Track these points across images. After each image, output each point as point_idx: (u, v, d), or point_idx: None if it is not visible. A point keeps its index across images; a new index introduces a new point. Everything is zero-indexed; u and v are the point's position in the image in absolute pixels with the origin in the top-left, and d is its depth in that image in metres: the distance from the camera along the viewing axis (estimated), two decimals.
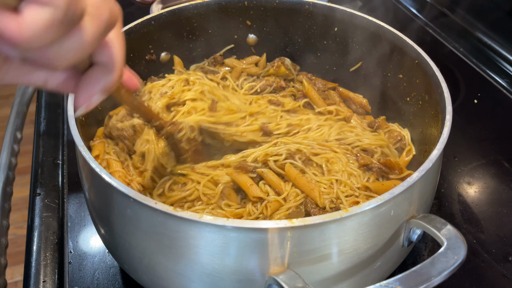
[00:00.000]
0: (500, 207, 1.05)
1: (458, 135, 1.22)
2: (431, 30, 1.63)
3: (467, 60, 1.48)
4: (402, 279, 0.57)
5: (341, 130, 1.02)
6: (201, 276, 0.65)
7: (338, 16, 1.08)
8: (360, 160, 0.93)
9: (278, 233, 0.59)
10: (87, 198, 0.82)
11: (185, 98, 0.99)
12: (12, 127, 1.31)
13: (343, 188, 0.88)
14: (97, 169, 0.66)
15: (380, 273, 0.74)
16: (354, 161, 0.93)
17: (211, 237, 0.61)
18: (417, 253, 0.95)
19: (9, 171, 1.09)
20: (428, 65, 0.88)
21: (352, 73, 1.15)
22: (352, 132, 1.01)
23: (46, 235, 0.97)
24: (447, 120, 0.76)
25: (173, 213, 0.60)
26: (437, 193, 1.06)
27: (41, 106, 1.30)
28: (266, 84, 1.16)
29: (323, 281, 0.66)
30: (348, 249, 0.64)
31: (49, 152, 1.17)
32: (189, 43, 1.17)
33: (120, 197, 0.65)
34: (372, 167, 0.92)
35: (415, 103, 0.98)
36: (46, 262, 0.92)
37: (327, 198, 0.86)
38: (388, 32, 0.99)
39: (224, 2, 1.13)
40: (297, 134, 1.01)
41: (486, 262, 0.94)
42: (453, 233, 0.62)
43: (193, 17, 1.12)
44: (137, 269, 0.74)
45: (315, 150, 0.94)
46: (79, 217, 1.02)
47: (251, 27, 1.19)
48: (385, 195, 0.62)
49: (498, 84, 1.38)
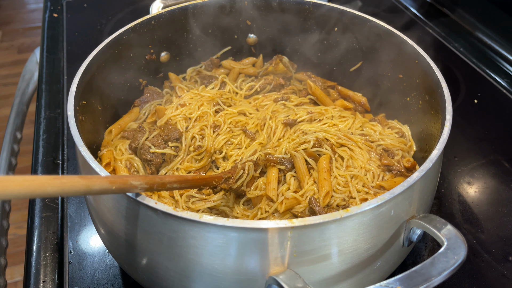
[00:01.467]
0: (500, 207, 1.05)
1: (458, 135, 1.22)
2: (431, 30, 1.63)
3: (467, 60, 1.48)
4: (402, 279, 0.57)
5: (364, 125, 1.03)
6: (201, 276, 0.65)
7: (338, 16, 1.08)
8: (383, 160, 0.93)
9: (278, 233, 0.59)
10: (87, 198, 0.82)
11: (220, 144, 0.98)
12: (12, 127, 1.31)
13: (359, 186, 0.89)
14: (97, 169, 0.66)
15: (380, 273, 0.74)
16: (376, 159, 0.94)
17: (211, 237, 0.60)
18: (417, 253, 0.95)
19: (9, 171, 1.09)
20: (428, 65, 0.88)
21: (352, 73, 1.15)
22: (375, 130, 1.02)
23: (46, 235, 0.97)
24: (447, 120, 0.76)
25: (173, 213, 0.60)
26: (437, 193, 1.06)
27: (41, 106, 1.30)
28: (265, 82, 1.16)
29: (323, 281, 0.66)
30: (348, 249, 0.64)
31: (49, 152, 1.17)
32: (189, 43, 1.17)
33: (120, 197, 0.65)
34: (393, 169, 0.93)
35: (415, 103, 0.98)
36: (46, 262, 0.92)
37: (339, 197, 0.87)
38: (388, 32, 0.99)
39: (224, 2, 1.13)
40: (321, 121, 1.03)
41: (486, 262, 0.94)
42: (453, 233, 0.62)
43: (193, 17, 1.12)
44: (137, 269, 0.74)
45: (341, 140, 0.95)
46: (79, 217, 1.02)
47: (251, 27, 1.19)
48: (385, 195, 0.62)
49: (498, 84, 1.38)
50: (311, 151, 0.93)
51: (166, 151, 0.96)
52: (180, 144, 0.98)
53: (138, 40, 1.04)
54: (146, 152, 0.96)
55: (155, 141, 0.97)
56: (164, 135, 0.98)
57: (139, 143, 0.98)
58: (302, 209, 0.87)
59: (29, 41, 3.96)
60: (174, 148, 0.98)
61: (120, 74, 1.04)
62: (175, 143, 0.98)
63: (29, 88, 1.38)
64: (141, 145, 0.98)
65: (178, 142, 0.98)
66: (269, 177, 0.90)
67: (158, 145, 0.97)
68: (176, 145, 0.98)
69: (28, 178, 0.44)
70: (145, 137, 0.99)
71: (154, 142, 0.97)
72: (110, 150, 0.97)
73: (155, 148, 0.96)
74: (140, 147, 0.98)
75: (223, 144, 0.98)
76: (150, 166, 0.96)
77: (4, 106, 3.25)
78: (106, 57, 0.95)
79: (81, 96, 0.85)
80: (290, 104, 1.09)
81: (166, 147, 0.97)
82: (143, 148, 0.97)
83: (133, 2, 1.79)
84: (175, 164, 0.97)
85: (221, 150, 0.98)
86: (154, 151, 0.96)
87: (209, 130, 0.99)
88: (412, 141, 1.01)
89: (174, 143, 0.98)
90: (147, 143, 0.97)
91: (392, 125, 1.06)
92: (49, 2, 1.77)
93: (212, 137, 0.98)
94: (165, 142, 0.98)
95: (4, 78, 3.55)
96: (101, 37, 1.58)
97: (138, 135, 1.00)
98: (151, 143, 0.97)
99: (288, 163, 0.93)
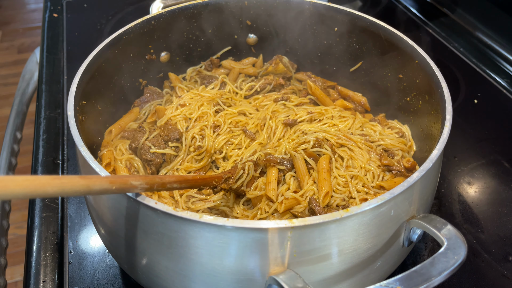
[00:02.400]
0: (500, 207, 1.05)
1: (458, 135, 1.22)
2: (431, 30, 1.63)
3: (467, 60, 1.48)
4: (402, 279, 0.57)
5: (364, 125, 1.03)
6: (201, 276, 0.65)
7: (338, 16, 1.08)
8: (383, 161, 0.93)
9: (278, 233, 0.59)
10: (87, 198, 0.82)
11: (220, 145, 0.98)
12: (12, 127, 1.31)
13: (359, 187, 0.89)
14: (97, 169, 0.66)
15: (380, 273, 0.74)
16: (376, 159, 0.94)
17: (211, 237, 0.60)
18: (417, 253, 0.95)
19: (9, 171, 1.09)
20: (428, 65, 0.88)
21: (352, 73, 1.15)
22: (375, 130, 1.02)
23: (46, 235, 0.97)
24: (447, 120, 0.76)
25: (173, 213, 0.60)
26: (437, 193, 1.06)
27: (41, 106, 1.30)
28: (265, 82, 1.16)
29: (323, 281, 0.66)
30: (348, 249, 0.64)
31: (49, 152, 1.17)
32: (189, 43, 1.17)
33: (120, 197, 0.65)
34: (393, 169, 0.93)
35: (415, 103, 0.98)
36: (46, 262, 0.92)
37: (339, 197, 0.87)
38: (388, 32, 0.99)
39: (224, 2, 1.13)
40: (321, 121, 1.03)
41: (486, 262, 0.94)
42: (453, 233, 0.62)
43: (193, 17, 1.12)
44: (137, 269, 0.74)
45: (341, 140, 0.95)
46: (79, 217, 1.02)
47: (251, 27, 1.19)
48: (385, 195, 0.62)
49: (498, 84, 1.38)
50: (311, 151, 0.93)
51: (166, 151, 0.96)
52: (180, 144, 0.99)
53: (138, 40, 1.04)
54: (146, 152, 0.96)
55: (155, 141, 0.97)
56: (164, 135, 0.98)
57: (139, 143, 0.98)
58: (302, 209, 0.87)
59: (29, 41, 3.96)
60: (174, 148, 0.98)
61: (120, 74, 1.04)
62: (175, 143, 0.98)
63: (29, 88, 1.38)
64: (141, 145, 0.98)
65: (178, 142, 0.99)
66: (269, 177, 0.90)
67: (158, 145, 0.97)
68: (176, 145, 0.98)
69: (29, 178, 0.44)
70: (145, 137, 0.99)
71: (154, 142, 0.97)
72: (110, 150, 0.97)
73: (155, 148, 0.96)
74: (140, 147, 0.98)
75: (223, 144, 0.98)
76: (150, 166, 0.96)
77: (4, 106, 3.25)
78: (106, 57, 0.95)
79: (81, 96, 0.85)
80: (290, 104, 1.09)
81: (166, 147, 0.97)
82: (143, 148, 0.97)
83: (133, 2, 1.79)
84: (175, 164, 0.97)
85: (221, 150, 0.98)
86: (154, 151, 0.96)
87: (209, 130, 0.99)
88: (412, 141, 1.01)
89: (174, 143, 0.98)
90: (147, 143, 0.97)
91: (392, 125, 1.06)
92: (49, 2, 1.77)
93: (212, 137, 0.98)
94: (165, 142, 0.98)
95: (4, 78, 3.55)
96: (101, 37, 1.58)
97: (138, 135, 1.00)
98: (151, 143, 0.97)
99: (288, 163, 0.93)
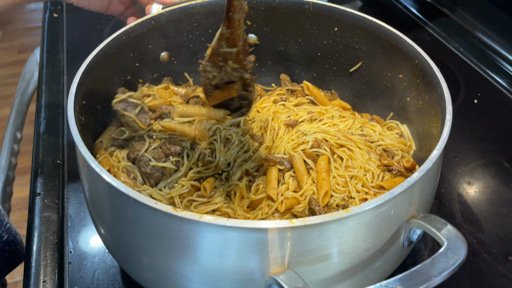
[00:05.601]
0: (500, 207, 1.05)
1: (458, 135, 1.22)
2: (431, 30, 1.63)
3: (467, 60, 1.48)
4: (402, 279, 0.57)
5: (364, 126, 1.04)
6: (201, 276, 0.65)
7: (338, 16, 1.08)
8: (383, 161, 0.93)
9: (278, 233, 0.59)
10: (87, 198, 0.82)
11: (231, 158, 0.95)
12: (12, 127, 1.31)
13: (358, 187, 0.89)
14: (97, 169, 0.66)
15: (380, 273, 0.74)
16: (376, 160, 0.94)
17: (211, 237, 0.60)
18: (417, 253, 0.95)
19: (9, 171, 1.09)
20: (428, 65, 0.88)
21: (352, 73, 1.15)
22: (375, 131, 1.03)
23: (46, 235, 0.97)
24: (447, 120, 0.76)
25: (173, 213, 0.60)
26: (437, 193, 1.06)
27: (41, 106, 1.30)
28: None
29: (323, 281, 0.66)
30: (348, 249, 0.64)
31: (49, 152, 1.16)
32: (189, 43, 1.17)
33: (120, 197, 0.65)
34: (393, 169, 0.93)
35: (415, 103, 0.98)
36: (46, 262, 0.92)
37: (339, 197, 0.87)
38: (388, 32, 0.99)
39: (224, 1, 1.12)
40: (321, 121, 1.03)
41: (486, 262, 0.94)
42: (453, 233, 0.62)
43: (193, 17, 1.12)
44: (137, 269, 0.74)
45: (341, 141, 0.95)
46: (79, 217, 1.02)
47: (251, 27, 1.19)
48: (385, 195, 0.62)
49: (498, 84, 1.38)
50: (310, 151, 0.93)
51: (167, 165, 0.91)
52: (182, 159, 0.94)
53: (138, 40, 1.04)
54: (145, 165, 0.91)
55: (156, 154, 0.92)
56: (165, 148, 0.93)
57: (139, 154, 0.93)
58: (302, 209, 0.87)
59: (29, 41, 3.96)
60: (175, 162, 0.93)
61: (120, 74, 1.04)
62: (177, 158, 0.93)
63: (29, 88, 1.38)
64: (140, 157, 0.92)
65: (179, 157, 0.94)
66: (269, 177, 0.90)
67: (159, 158, 0.92)
68: (178, 160, 0.93)
69: None
70: (145, 148, 0.94)
71: (154, 155, 0.92)
72: (106, 157, 0.94)
73: (155, 161, 0.91)
74: (139, 159, 0.93)
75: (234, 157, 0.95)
76: (149, 180, 0.91)
77: (4, 106, 3.25)
78: (106, 57, 0.95)
79: (81, 96, 0.85)
80: (289, 104, 1.09)
81: (167, 160, 0.92)
82: (142, 160, 0.92)
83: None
84: (176, 179, 0.92)
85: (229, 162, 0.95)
86: (154, 165, 0.91)
87: (220, 145, 0.95)
88: (411, 140, 1.01)
89: (175, 158, 0.93)
90: (146, 155, 0.92)
91: (391, 125, 1.06)
92: (49, 2, 1.77)
93: (223, 153, 0.94)
94: (166, 156, 0.93)
95: (4, 78, 3.55)
96: (101, 37, 1.58)
97: (137, 146, 0.95)
98: (151, 155, 0.92)
99: (287, 163, 0.93)
